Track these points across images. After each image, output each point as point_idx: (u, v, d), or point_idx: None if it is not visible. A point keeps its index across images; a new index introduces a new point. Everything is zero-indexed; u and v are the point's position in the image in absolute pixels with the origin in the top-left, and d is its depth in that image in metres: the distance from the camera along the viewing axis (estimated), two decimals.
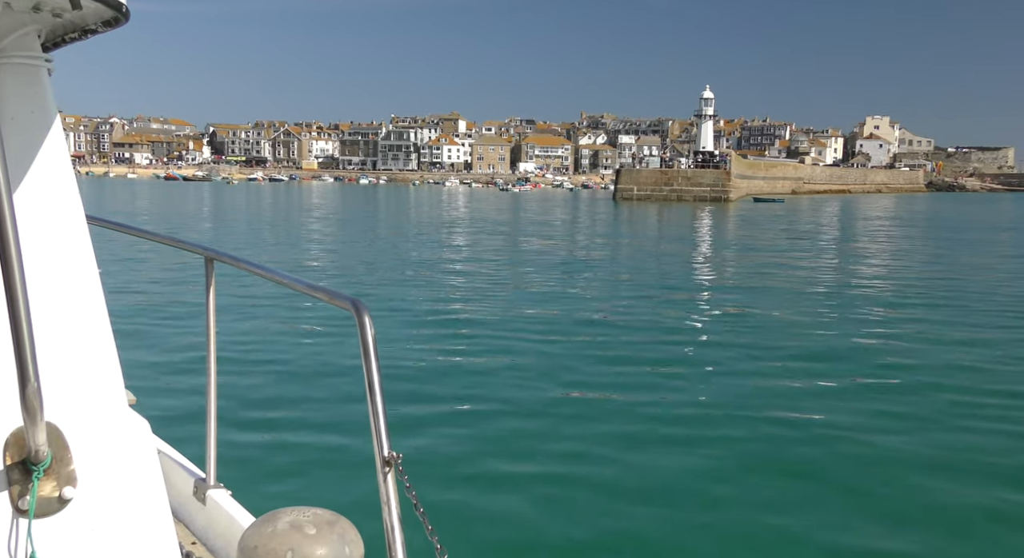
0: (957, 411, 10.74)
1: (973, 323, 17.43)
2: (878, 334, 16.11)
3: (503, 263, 28.65)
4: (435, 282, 22.97)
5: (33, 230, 2.00)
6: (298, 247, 34.22)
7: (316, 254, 31.35)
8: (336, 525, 1.99)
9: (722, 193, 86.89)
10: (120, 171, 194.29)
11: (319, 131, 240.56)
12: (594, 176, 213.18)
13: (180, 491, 3.18)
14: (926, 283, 24.48)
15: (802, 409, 10.69)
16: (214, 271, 2.98)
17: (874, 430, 9.84)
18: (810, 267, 29.22)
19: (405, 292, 20.59)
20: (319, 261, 28.76)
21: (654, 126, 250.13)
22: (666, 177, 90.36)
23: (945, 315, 18.50)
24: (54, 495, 1.94)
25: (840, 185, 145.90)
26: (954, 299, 21.02)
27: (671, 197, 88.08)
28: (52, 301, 2.05)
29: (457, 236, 42.03)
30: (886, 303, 20.40)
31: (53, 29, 2.12)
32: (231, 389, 10.04)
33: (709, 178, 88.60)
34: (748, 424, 9.98)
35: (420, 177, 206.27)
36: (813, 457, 8.94)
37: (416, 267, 26.66)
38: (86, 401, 2.09)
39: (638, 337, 15.28)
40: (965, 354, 14.16)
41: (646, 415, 10.21)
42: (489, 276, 24.41)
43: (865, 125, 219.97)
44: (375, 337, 2.02)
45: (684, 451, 8.93)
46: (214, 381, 3.08)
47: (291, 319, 15.83)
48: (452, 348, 13.94)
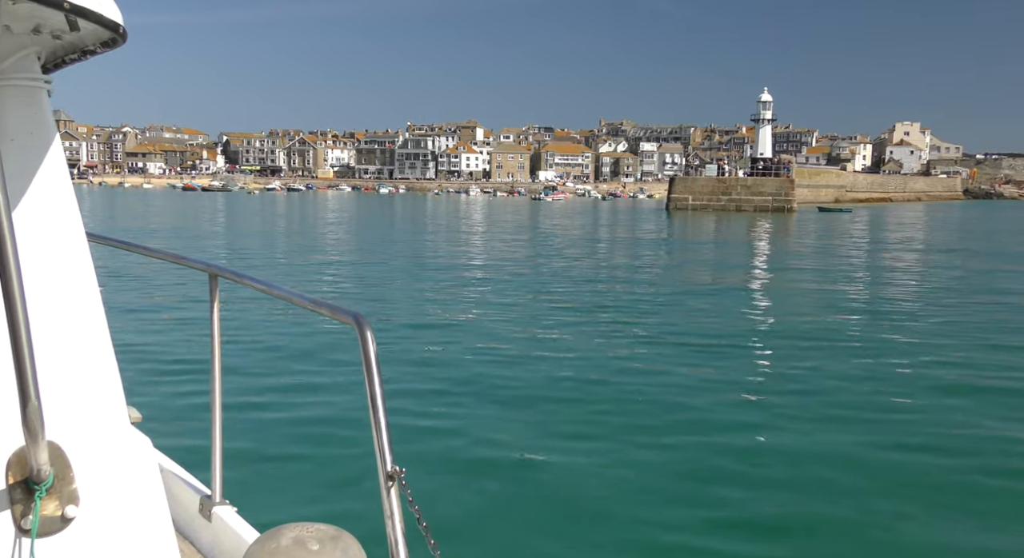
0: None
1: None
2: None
3: (569, 298, 23.50)
4: (490, 316, 19.21)
5: (33, 249, 2.01)
6: (355, 266, 29.83)
7: (374, 274, 26.91)
8: (339, 540, 2.00)
9: (785, 203, 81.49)
10: (135, 181, 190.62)
11: (334, 139, 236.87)
12: (615, 184, 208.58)
13: (186, 508, 3.17)
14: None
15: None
16: (218, 287, 2.98)
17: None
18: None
19: (449, 314, 19.10)
20: (378, 285, 23.98)
21: (675, 133, 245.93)
22: (724, 186, 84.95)
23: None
24: (56, 514, 1.92)
25: (881, 193, 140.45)
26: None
27: (729, 207, 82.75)
28: (52, 320, 2.05)
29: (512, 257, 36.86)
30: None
31: (53, 50, 2.12)
32: (236, 405, 9.84)
33: (771, 187, 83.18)
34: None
35: (439, 186, 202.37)
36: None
37: (481, 302, 21.81)
38: (87, 420, 2.09)
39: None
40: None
41: (663, 441, 9.68)
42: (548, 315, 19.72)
43: (895, 131, 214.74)
44: (377, 352, 2.05)
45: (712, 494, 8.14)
46: (219, 398, 3.09)
47: (295, 334, 15.51)
48: (460, 361, 13.70)
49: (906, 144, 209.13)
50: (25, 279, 1.70)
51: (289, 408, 10.77)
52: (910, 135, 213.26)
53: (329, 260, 32.81)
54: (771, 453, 9.32)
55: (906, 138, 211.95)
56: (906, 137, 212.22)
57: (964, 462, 9.13)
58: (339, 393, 11.34)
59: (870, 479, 8.52)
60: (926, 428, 10.37)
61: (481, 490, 8.04)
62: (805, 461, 9.03)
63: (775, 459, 9.12)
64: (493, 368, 13.28)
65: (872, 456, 9.24)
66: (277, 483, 7.99)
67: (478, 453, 9.12)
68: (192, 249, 35.87)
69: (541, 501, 7.76)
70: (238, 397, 10.57)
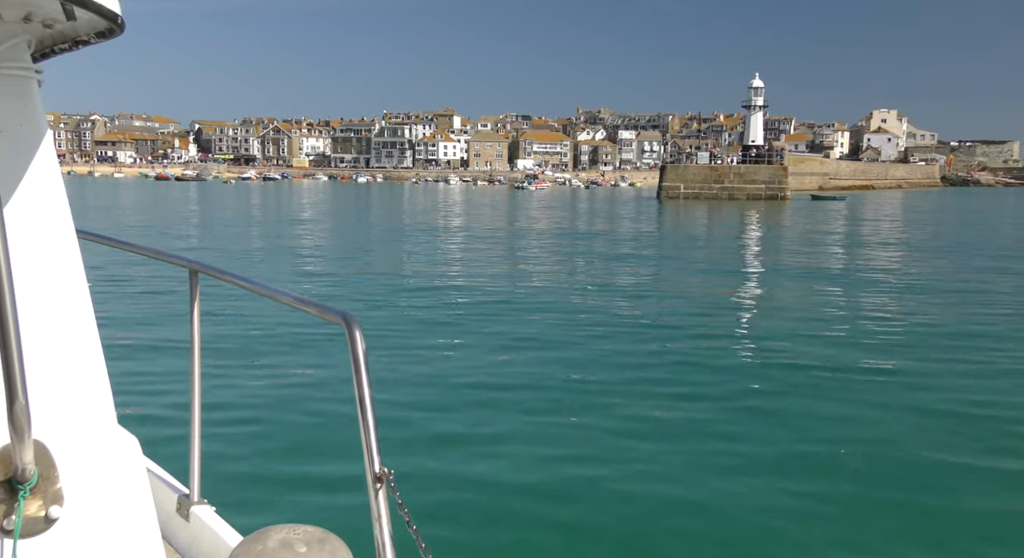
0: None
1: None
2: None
3: (558, 289, 21.94)
4: (478, 312, 18.60)
5: (22, 243, 1.98)
6: (345, 257, 27.86)
7: (363, 264, 25.06)
8: (327, 543, 1.95)
9: (778, 191, 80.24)
10: (105, 170, 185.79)
11: (309, 128, 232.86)
12: (594, 172, 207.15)
13: (163, 508, 3.09)
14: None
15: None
16: (198, 283, 2.93)
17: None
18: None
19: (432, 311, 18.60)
20: (363, 284, 22.46)
21: (653, 121, 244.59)
22: (716, 174, 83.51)
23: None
24: (40, 515, 1.89)
25: (864, 180, 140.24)
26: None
27: (721, 195, 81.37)
28: (41, 316, 2.01)
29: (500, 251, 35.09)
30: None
31: (43, 40, 2.08)
32: (216, 403, 9.61)
33: (764, 174, 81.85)
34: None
35: (416, 175, 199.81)
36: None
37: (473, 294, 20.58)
38: (74, 419, 2.05)
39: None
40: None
41: (651, 435, 9.65)
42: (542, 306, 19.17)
43: (872, 118, 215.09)
44: (366, 351, 2.01)
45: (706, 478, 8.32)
46: (198, 395, 3.05)
47: (278, 332, 15.09)
48: (448, 362, 13.31)
49: (883, 131, 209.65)
50: (14, 273, 1.68)
51: (272, 407, 10.48)
52: (887, 122, 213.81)
53: (315, 255, 31.19)
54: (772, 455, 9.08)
55: (883, 125, 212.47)
56: (883, 124, 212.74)
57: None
58: (325, 392, 11.07)
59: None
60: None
61: (472, 492, 7.89)
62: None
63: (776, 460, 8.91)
64: (484, 368, 13.01)
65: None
66: (258, 483, 7.80)
67: (468, 454, 8.96)
68: (176, 246, 33.71)
69: (533, 502, 7.68)
70: (219, 395, 10.34)
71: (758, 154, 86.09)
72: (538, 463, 8.67)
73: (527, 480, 8.20)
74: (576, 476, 8.32)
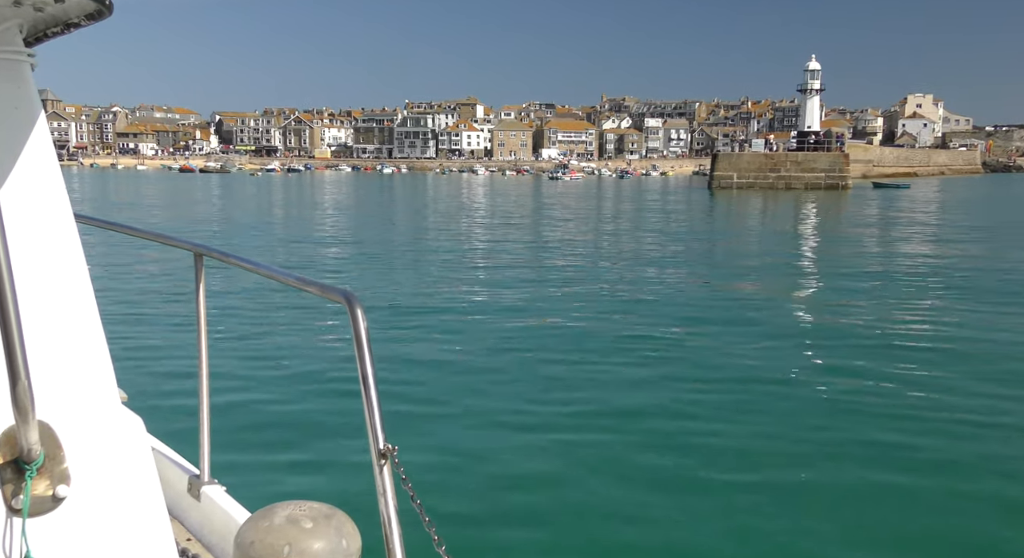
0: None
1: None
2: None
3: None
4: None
5: (19, 227, 2.00)
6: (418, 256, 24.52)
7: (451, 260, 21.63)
8: (333, 518, 2.00)
9: (839, 179, 76.27)
10: (128, 162, 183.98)
11: (331, 118, 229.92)
12: (620, 161, 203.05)
13: (174, 488, 3.15)
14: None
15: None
16: (203, 266, 2.96)
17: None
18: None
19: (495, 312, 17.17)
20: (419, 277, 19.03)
21: (679, 108, 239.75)
22: (772, 162, 79.56)
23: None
24: (48, 494, 1.93)
25: (907, 167, 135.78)
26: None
27: (778, 185, 77.45)
28: (41, 298, 2.04)
29: (564, 257, 31.75)
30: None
31: (34, 23, 2.06)
32: (223, 385, 9.78)
33: (824, 162, 77.85)
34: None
35: (440, 165, 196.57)
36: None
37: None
38: (78, 399, 2.07)
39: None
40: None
41: (657, 413, 9.75)
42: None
43: (907, 103, 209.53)
44: (368, 329, 2.02)
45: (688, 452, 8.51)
46: (206, 377, 3.08)
47: (283, 313, 15.19)
48: (451, 340, 13.40)
49: (919, 117, 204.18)
50: (12, 258, 1.71)
51: (278, 387, 10.64)
52: (923, 108, 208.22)
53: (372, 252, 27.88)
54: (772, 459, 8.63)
55: (919, 110, 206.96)
56: (919, 109, 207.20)
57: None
58: (329, 371, 11.23)
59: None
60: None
61: (475, 467, 7.95)
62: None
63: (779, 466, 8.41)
64: (490, 347, 13.01)
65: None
66: (267, 462, 7.87)
67: (471, 431, 9.04)
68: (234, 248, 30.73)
69: (535, 477, 7.71)
70: (226, 377, 10.43)
71: (816, 141, 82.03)
72: (540, 439, 8.76)
73: (529, 455, 8.31)
74: (579, 452, 8.38)
